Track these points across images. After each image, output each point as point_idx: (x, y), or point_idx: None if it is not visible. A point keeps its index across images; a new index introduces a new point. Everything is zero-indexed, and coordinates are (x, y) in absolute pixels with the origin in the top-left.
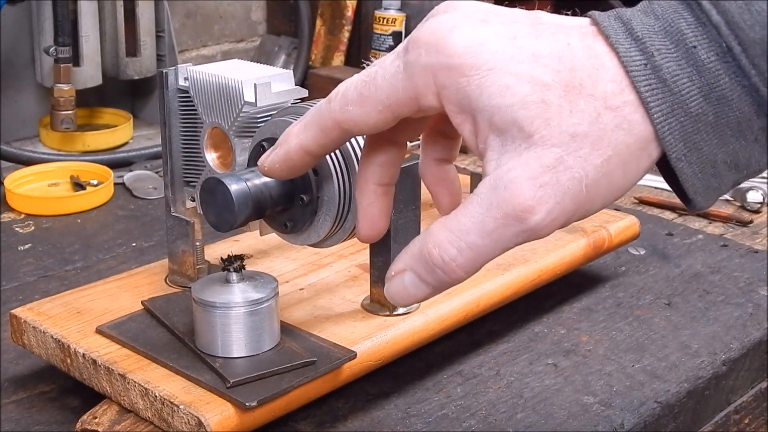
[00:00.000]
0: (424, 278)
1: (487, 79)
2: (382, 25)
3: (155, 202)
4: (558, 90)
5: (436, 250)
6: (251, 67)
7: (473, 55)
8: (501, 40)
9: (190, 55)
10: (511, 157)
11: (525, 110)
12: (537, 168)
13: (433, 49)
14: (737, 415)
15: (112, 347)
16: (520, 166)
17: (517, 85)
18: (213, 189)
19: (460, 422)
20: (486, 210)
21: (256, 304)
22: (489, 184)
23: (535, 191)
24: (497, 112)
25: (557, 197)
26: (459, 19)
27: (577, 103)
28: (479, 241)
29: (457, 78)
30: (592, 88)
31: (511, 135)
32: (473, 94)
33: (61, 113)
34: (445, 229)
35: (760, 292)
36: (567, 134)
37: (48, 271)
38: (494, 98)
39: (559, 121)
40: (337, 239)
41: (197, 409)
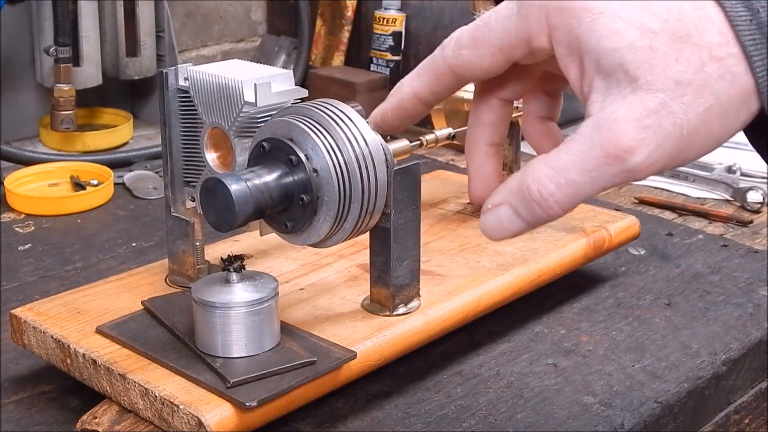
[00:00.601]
0: (520, 212)
1: (597, 22)
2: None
3: (155, 202)
4: (665, 38)
5: (534, 184)
6: (251, 67)
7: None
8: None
9: (190, 55)
10: (615, 100)
11: (632, 54)
12: (641, 111)
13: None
14: (737, 415)
15: (112, 347)
16: (624, 108)
17: (626, 30)
18: (213, 189)
19: (460, 422)
20: (588, 148)
21: (256, 304)
22: (592, 124)
23: (638, 133)
24: (605, 55)
25: (658, 140)
26: None
27: (683, 52)
28: (579, 179)
29: (569, 19)
30: (698, 38)
31: (617, 78)
32: (583, 35)
33: (61, 113)
34: (546, 165)
35: (760, 292)
36: (672, 80)
37: (48, 271)
38: (603, 41)
39: (664, 67)
40: (337, 239)
41: (197, 409)
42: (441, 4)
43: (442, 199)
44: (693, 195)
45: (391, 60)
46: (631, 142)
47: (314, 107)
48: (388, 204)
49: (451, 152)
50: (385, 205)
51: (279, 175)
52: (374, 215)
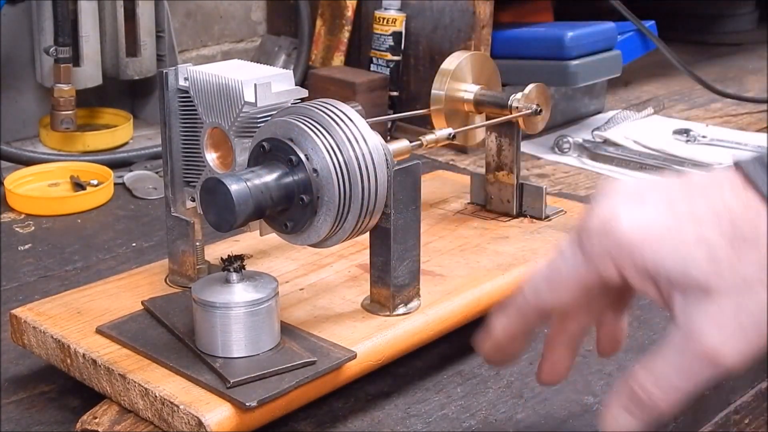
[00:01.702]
0: (635, 414)
1: (658, 250)
2: (382, 25)
3: (155, 202)
4: (723, 244)
5: (642, 392)
6: (251, 67)
7: (640, 233)
8: (661, 213)
9: (190, 56)
10: (694, 309)
11: (698, 269)
12: (720, 317)
13: (605, 237)
14: (737, 415)
15: (112, 347)
16: (704, 316)
17: (686, 248)
18: (213, 189)
19: (460, 422)
20: (682, 357)
21: (256, 304)
22: (680, 334)
23: (724, 339)
24: (674, 275)
25: (742, 338)
26: (620, 204)
27: (744, 253)
28: (680, 384)
29: (632, 255)
30: (754, 237)
31: (692, 291)
32: (649, 265)
33: (61, 113)
34: (648, 373)
35: None
36: (741, 281)
37: (48, 271)
38: (668, 264)
39: (730, 272)
40: (337, 239)
41: (197, 409)
42: (441, 4)
43: (442, 199)
44: None
45: (391, 60)
46: (718, 347)
47: (314, 107)
48: (388, 204)
49: (451, 152)
50: (385, 205)
51: (279, 175)
52: (374, 215)
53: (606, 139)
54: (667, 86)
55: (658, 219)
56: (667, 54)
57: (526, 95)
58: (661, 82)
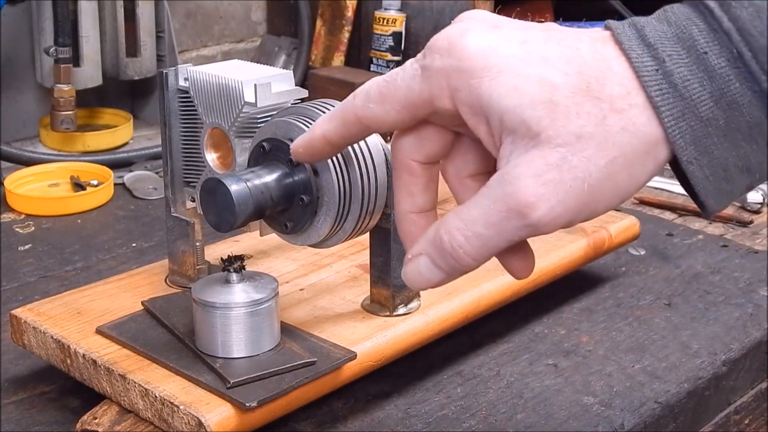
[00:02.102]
0: (437, 263)
1: (496, 81)
2: (382, 25)
3: (155, 202)
4: (565, 91)
5: (446, 236)
6: (251, 67)
7: (484, 57)
8: (511, 44)
9: (190, 56)
10: (519, 155)
11: (532, 110)
12: (541, 166)
13: (446, 53)
14: (737, 416)
15: (112, 347)
16: (526, 164)
17: (526, 86)
18: (213, 189)
19: (461, 422)
20: (492, 203)
21: (256, 305)
22: (497, 179)
23: (537, 188)
24: (507, 113)
25: (559, 195)
26: (473, 25)
27: (584, 105)
28: (484, 232)
29: (468, 80)
30: (599, 90)
31: (520, 134)
32: (484, 95)
33: (61, 113)
34: (456, 218)
35: (760, 292)
36: (572, 135)
37: (48, 271)
38: (504, 99)
39: (565, 121)
40: (337, 240)
41: (197, 409)
42: (441, 4)
43: (442, 199)
44: None
45: (391, 60)
46: (531, 197)
47: (314, 107)
48: (388, 204)
49: None
50: (385, 206)
51: (279, 176)
52: (374, 215)
53: None
54: None
55: (506, 49)
56: None
57: None
58: None
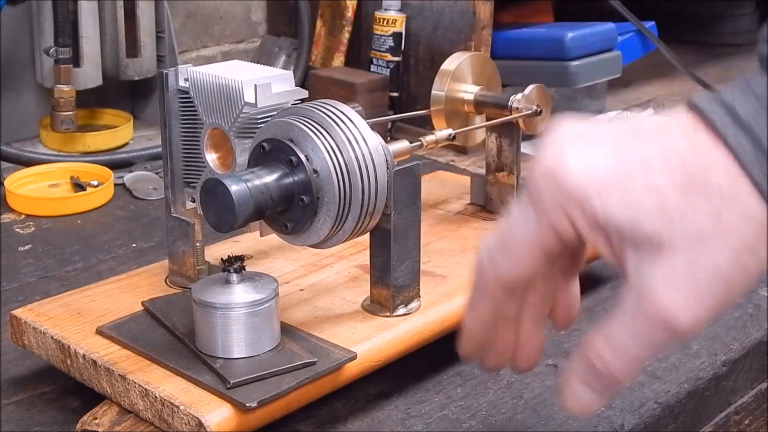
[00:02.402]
0: (594, 387)
1: (607, 202)
2: (382, 26)
3: (155, 202)
4: (675, 194)
5: (598, 361)
6: (251, 67)
7: (589, 182)
8: (609, 159)
9: (190, 56)
10: (647, 266)
11: (648, 222)
12: (671, 274)
13: (553, 186)
14: (737, 416)
15: (112, 348)
16: (656, 275)
17: (636, 199)
18: (213, 190)
19: (461, 423)
20: (635, 321)
21: (257, 305)
22: (634, 295)
23: (675, 297)
24: (624, 229)
25: (697, 298)
26: (566, 147)
27: (697, 203)
28: (633, 350)
29: (583, 205)
30: (705, 184)
31: (643, 246)
32: (599, 216)
33: (61, 114)
34: (603, 341)
35: (760, 292)
36: (694, 236)
37: (48, 271)
38: (618, 218)
39: (682, 224)
40: (337, 240)
41: (197, 409)
42: (441, 4)
43: (442, 199)
44: None
45: (391, 61)
46: (672, 308)
47: (314, 108)
48: (389, 205)
49: (451, 153)
50: (386, 206)
51: (279, 176)
52: (374, 216)
53: None
54: (667, 87)
55: (606, 164)
56: (668, 55)
57: (527, 96)
58: (661, 82)
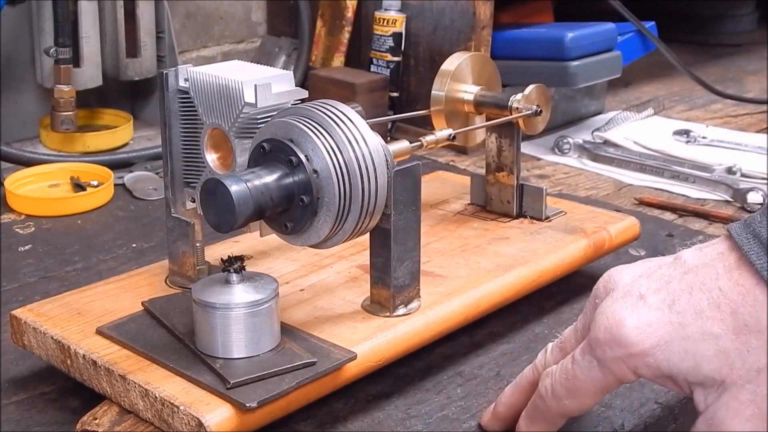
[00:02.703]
0: None
1: (667, 352)
2: (382, 26)
3: (155, 203)
4: (729, 336)
5: None
6: (251, 68)
7: (648, 338)
8: (663, 313)
9: (190, 56)
10: (714, 400)
11: (708, 365)
12: (738, 407)
13: (614, 344)
14: None
15: (112, 348)
16: (724, 408)
17: (694, 347)
18: (213, 190)
19: (461, 423)
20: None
21: (257, 305)
22: (704, 424)
23: (744, 426)
24: (688, 375)
25: (761, 423)
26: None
27: (749, 341)
28: None
29: (644, 359)
30: (756, 324)
31: (708, 385)
32: (662, 366)
33: (61, 114)
34: None
35: None
36: (753, 371)
37: (48, 272)
38: (681, 365)
39: (741, 362)
40: (337, 240)
41: (197, 409)
42: (441, 4)
43: (442, 199)
44: (693, 196)
45: (391, 61)
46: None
47: (314, 108)
48: (389, 205)
49: (451, 153)
50: (386, 206)
51: (279, 176)
52: (374, 216)
53: (606, 140)
54: (667, 87)
55: (661, 319)
56: (667, 55)
57: (526, 96)
58: (661, 82)
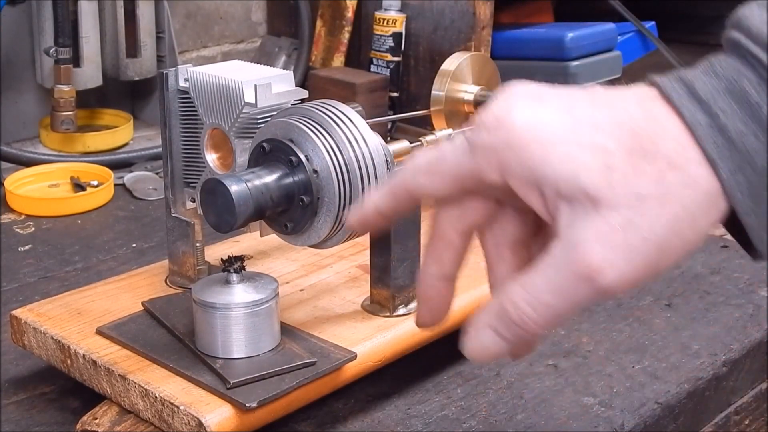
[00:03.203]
0: (503, 335)
1: (549, 151)
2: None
3: (155, 203)
4: (620, 154)
5: (512, 308)
6: (251, 68)
7: (533, 131)
8: (559, 113)
9: (190, 56)
10: (580, 220)
11: (589, 176)
12: (605, 230)
13: (494, 129)
14: (737, 416)
15: (112, 348)
16: (589, 229)
17: (580, 153)
18: (213, 190)
19: (461, 423)
20: (557, 271)
21: (257, 305)
22: (560, 247)
23: (604, 252)
24: (563, 182)
25: (627, 257)
26: (517, 101)
27: (641, 165)
28: (552, 301)
29: (519, 153)
30: (654, 149)
31: (579, 200)
32: (537, 166)
33: (61, 114)
34: (521, 289)
35: (760, 293)
36: (633, 195)
37: (48, 272)
38: (558, 168)
39: (624, 183)
40: (337, 240)
41: (197, 409)
42: (441, 4)
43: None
44: None
45: (391, 61)
46: (600, 263)
47: (314, 108)
48: None
49: None
50: None
51: (279, 176)
52: None
53: None
54: None
55: (554, 120)
56: (668, 55)
57: None
58: None
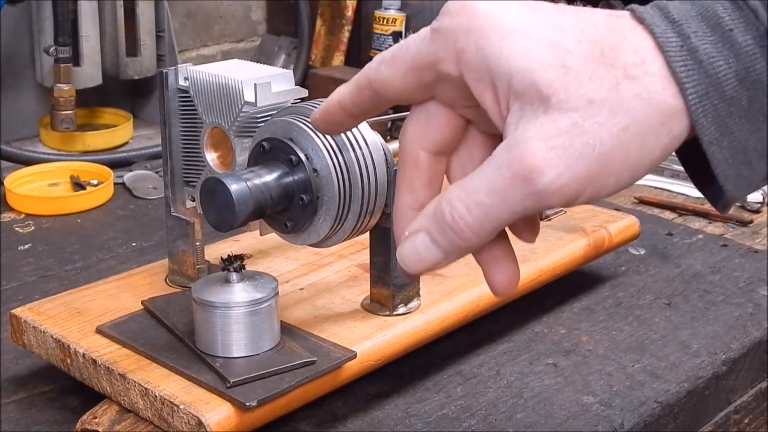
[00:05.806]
0: (435, 239)
1: (506, 41)
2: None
3: (155, 202)
4: (578, 57)
5: (447, 208)
6: (251, 67)
7: (495, 18)
8: (524, 9)
9: (190, 55)
10: (527, 120)
11: (544, 73)
12: (551, 130)
13: (457, 13)
14: (737, 415)
15: (112, 347)
16: (535, 128)
17: (537, 48)
18: (213, 189)
19: (460, 422)
20: (496, 169)
21: (256, 304)
22: (504, 146)
23: (545, 152)
24: (516, 74)
25: (568, 161)
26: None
27: (597, 71)
28: (487, 201)
29: (477, 40)
30: (613, 58)
31: (530, 98)
32: (493, 56)
33: (61, 113)
34: (459, 188)
35: (760, 292)
36: (584, 99)
37: (48, 271)
38: (513, 60)
39: (577, 86)
40: (337, 239)
41: (197, 409)
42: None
43: None
44: (693, 195)
45: None
46: (539, 162)
47: (314, 107)
48: (389, 204)
49: None
50: (386, 205)
51: (279, 175)
52: (374, 215)
53: None
54: None
55: (518, 13)
56: None
57: None
58: None
